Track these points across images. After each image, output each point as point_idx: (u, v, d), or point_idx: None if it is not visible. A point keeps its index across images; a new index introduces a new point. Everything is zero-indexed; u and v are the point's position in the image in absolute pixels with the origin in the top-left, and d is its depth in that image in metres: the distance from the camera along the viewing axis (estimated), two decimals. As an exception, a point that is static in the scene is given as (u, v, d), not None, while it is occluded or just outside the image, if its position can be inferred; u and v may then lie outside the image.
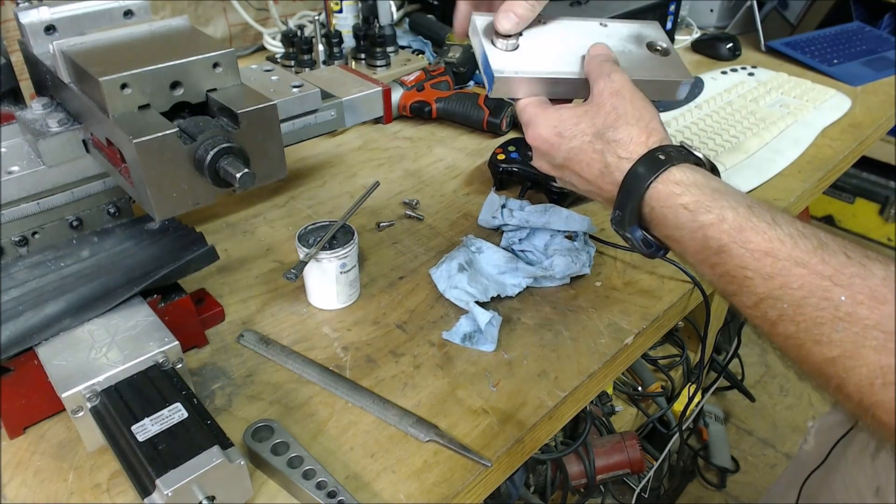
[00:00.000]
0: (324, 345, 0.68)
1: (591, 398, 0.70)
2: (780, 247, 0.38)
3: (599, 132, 0.50)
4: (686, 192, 0.44)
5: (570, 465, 1.12)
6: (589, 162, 0.50)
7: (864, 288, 0.35)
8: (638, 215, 0.47)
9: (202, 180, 0.56)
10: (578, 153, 0.51)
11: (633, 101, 0.50)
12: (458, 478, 0.55)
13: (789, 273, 0.37)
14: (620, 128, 0.49)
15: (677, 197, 0.44)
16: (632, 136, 0.48)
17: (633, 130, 0.48)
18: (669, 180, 0.45)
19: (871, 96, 1.18)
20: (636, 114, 0.49)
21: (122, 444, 0.51)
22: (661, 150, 0.47)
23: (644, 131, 0.48)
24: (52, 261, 0.64)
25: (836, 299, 0.35)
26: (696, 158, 0.48)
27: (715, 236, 0.41)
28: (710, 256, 0.42)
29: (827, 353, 0.35)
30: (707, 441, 1.67)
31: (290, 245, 0.82)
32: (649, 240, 0.48)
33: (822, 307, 0.36)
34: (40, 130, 0.61)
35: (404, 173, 0.97)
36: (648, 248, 0.49)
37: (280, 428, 0.57)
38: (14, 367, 0.56)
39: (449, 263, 0.73)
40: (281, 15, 1.36)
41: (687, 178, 0.45)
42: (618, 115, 0.49)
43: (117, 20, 0.65)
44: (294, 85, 0.77)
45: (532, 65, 0.56)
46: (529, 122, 0.54)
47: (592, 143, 0.50)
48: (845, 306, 0.35)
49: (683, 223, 0.43)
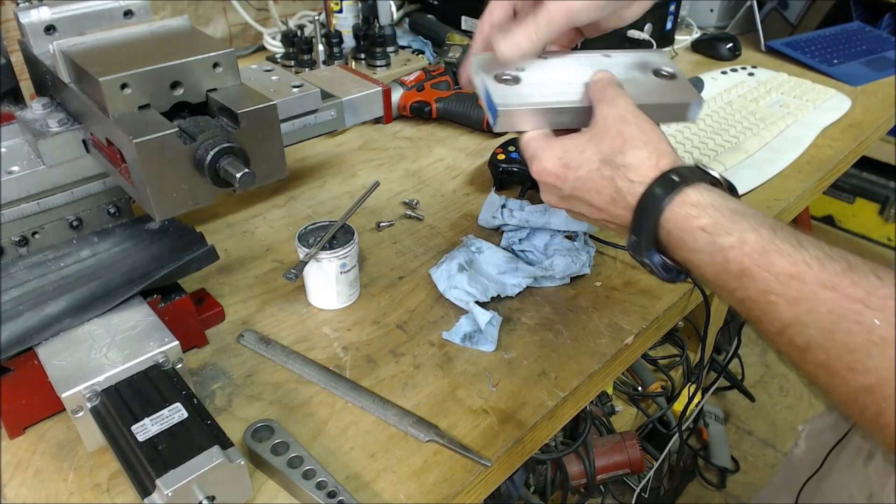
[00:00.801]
0: (324, 345, 0.68)
1: (591, 398, 0.70)
2: (807, 270, 0.37)
3: (607, 158, 0.48)
4: (704, 214, 0.43)
5: (570, 465, 1.12)
6: (599, 189, 0.49)
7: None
8: (655, 239, 0.46)
9: (202, 180, 0.56)
10: (587, 181, 0.50)
11: (639, 124, 0.49)
12: (458, 478, 0.55)
13: (817, 297, 0.36)
14: (629, 152, 0.47)
15: (694, 219, 0.43)
16: (641, 160, 0.47)
17: (642, 153, 0.47)
18: (686, 202, 0.44)
19: (871, 96, 1.18)
20: (643, 137, 0.48)
21: (122, 444, 0.51)
22: (675, 172, 0.45)
23: (654, 154, 0.47)
24: (52, 261, 0.64)
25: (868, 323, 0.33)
26: (711, 178, 0.47)
27: (736, 259, 0.40)
28: (731, 281, 0.40)
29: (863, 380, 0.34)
30: (707, 441, 1.67)
31: (290, 245, 0.82)
32: (668, 264, 0.47)
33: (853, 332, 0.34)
34: (40, 130, 0.61)
35: (404, 173, 0.97)
36: (668, 272, 0.48)
37: (280, 428, 0.57)
38: (14, 367, 0.56)
39: (449, 263, 0.73)
40: (281, 15, 1.36)
41: (704, 199, 0.43)
42: (624, 140, 0.48)
43: (117, 20, 0.65)
44: (294, 85, 0.77)
45: (535, 96, 0.55)
46: (533, 157, 0.53)
47: (600, 170, 0.49)
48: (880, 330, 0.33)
49: (702, 247, 0.42)
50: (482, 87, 0.56)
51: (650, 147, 0.47)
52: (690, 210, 0.43)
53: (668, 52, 1.37)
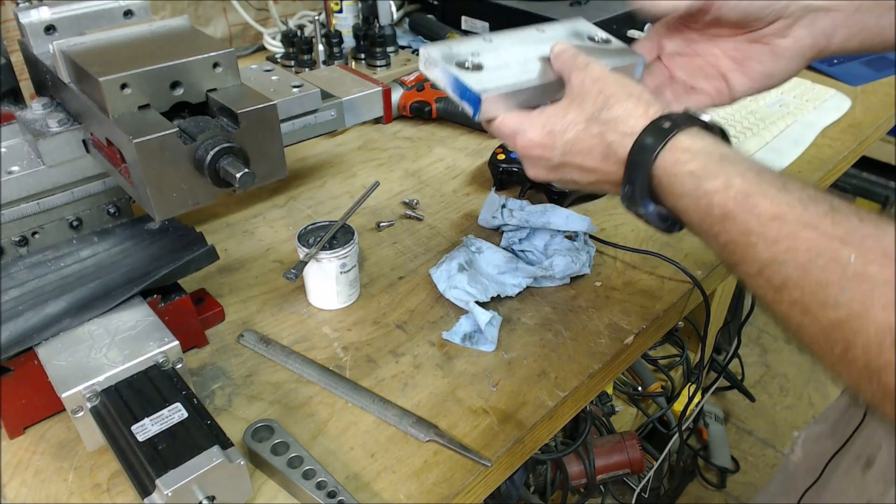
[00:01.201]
0: (324, 345, 0.68)
1: (591, 398, 0.70)
2: (789, 211, 0.37)
3: (593, 116, 0.48)
4: (693, 159, 0.42)
5: (570, 465, 1.12)
6: (589, 149, 0.48)
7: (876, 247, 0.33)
8: (649, 188, 0.45)
9: (202, 180, 0.56)
10: (576, 143, 0.49)
11: (618, 80, 0.48)
12: (458, 478, 0.55)
13: (796, 236, 0.36)
14: (614, 105, 0.47)
15: (684, 164, 0.43)
16: (629, 111, 0.46)
17: (629, 104, 0.46)
18: (677, 147, 0.43)
19: (871, 96, 1.18)
20: (625, 90, 0.47)
21: (122, 444, 0.51)
22: (665, 118, 0.45)
23: (640, 104, 0.46)
24: (52, 261, 0.64)
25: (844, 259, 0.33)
26: (703, 122, 0.46)
27: (720, 203, 0.40)
28: (714, 224, 0.41)
29: (833, 315, 0.34)
30: (707, 441, 1.67)
31: (290, 245, 0.82)
32: (663, 213, 0.47)
33: (829, 268, 0.34)
34: (40, 130, 0.61)
35: (404, 173, 0.97)
36: (664, 222, 0.47)
37: (280, 428, 0.57)
38: (14, 367, 0.56)
39: (449, 263, 0.73)
40: (281, 15, 1.36)
41: (695, 144, 0.43)
42: (606, 96, 0.47)
43: (117, 20, 0.65)
44: (294, 85, 0.77)
45: (506, 78, 0.54)
46: (517, 132, 0.52)
47: (588, 129, 0.48)
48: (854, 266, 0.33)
49: (689, 191, 0.42)
50: (450, 79, 0.55)
51: (635, 98, 0.47)
52: (681, 155, 0.43)
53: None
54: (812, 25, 0.53)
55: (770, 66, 0.56)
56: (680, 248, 0.81)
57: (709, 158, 0.42)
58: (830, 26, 0.53)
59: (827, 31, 0.54)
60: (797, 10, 0.53)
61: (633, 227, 0.84)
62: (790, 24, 0.53)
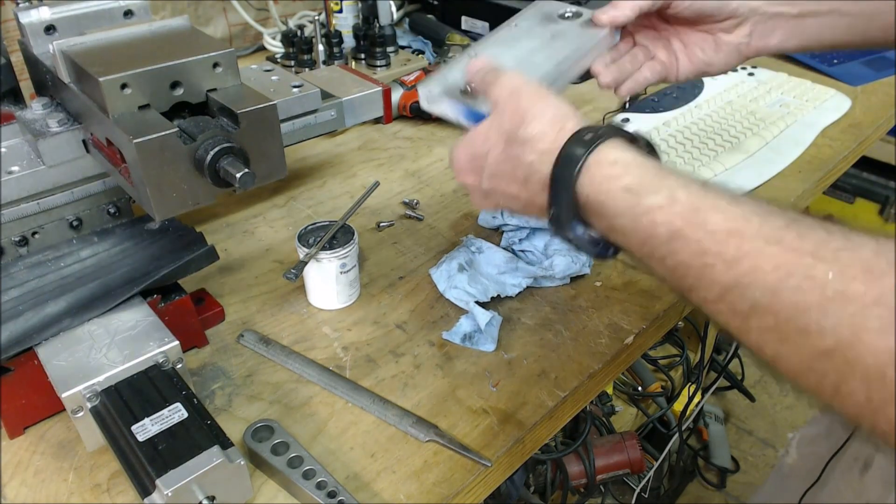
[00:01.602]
0: (324, 345, 0.68)
1: (591, 398, 0.70)
2: (746, 225, 0.32)
3: (510, 136, 0.44)
4: (627, 173, 0.38)
5: (570, 465, 1.12)
6: (512, 172, 0.45)
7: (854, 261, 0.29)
8: (575, 209, 0.41)
9: (202, 180, 0.56)
10: (498, 166, 0.46)
11: (533, 94, 0.45)
12: (458, 478, 0.55)
13: (760, 253, 0.31)
14: (530, 123, 0.43)
15: (616, 179, 0.38)
16: (544, 127, 0.43)
17: (545, 120, 0.43)
18: (603, 160, 0.39)
19: (871, 96, 1.18)
20: (541, 105, 0.44)
21: (122, 444, 0.51)
22: (586, 130, 0.41)
23: (557, 119, 0.43)
24: (52, 261, 0.64)
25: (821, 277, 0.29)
26: (628, 134, 0.42)
27: (665, 221, 0.35)
28: (660, 246, 0.36)
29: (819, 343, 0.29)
30: (707, 441, 1.67)
31: (290, 245, 0.82)
32: (594, 237, 0.42)
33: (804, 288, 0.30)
34: (40, 130, 0.61)
35: (404, 173, 0.97)
36: (595, 246, 0.43)
37: (280, 428, 0.57)
38: (14, 367, 0.56)
39: (449, 263, 0.73)
40: (281, 15, 1.36)
41: (624, 156, 0.39)
42: (521, 113, 0.44)
43: (117, 20, 0.65)
44: (294, 85, 0.77)
45: None
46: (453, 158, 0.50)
47: (507, 151, 0.45)
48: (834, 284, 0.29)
49: (624, 209, 0.37)
50: (460, 110, 0.53)
51: (550, 112, 0.43)
52: (609, 169, 0.39)
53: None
54: (756, 27, 0.58)
55: (711, 56, 0.60)
56: (680, 248, 0.81)
57: (644, 171, 0.38)
58: (771, 29, 0.58)
59: (767, 33, 0.58)
60: (746, 12, 0.57)
61: (633, 227, 0.84)
62: (737, 24, 0.58)
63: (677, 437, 1.05)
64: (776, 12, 0.57)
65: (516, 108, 0.45)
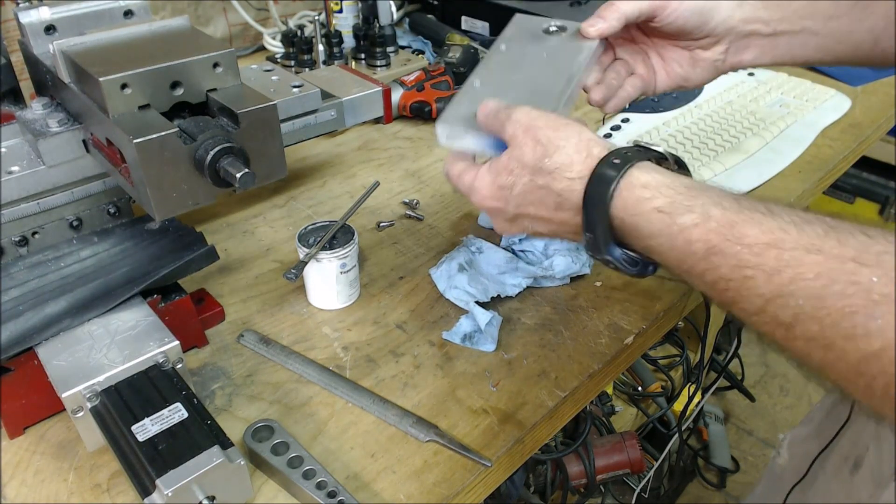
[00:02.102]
0: (324, 345, 0.68)
1: (591, 398, 0.70)
2: (784, 236, 0.33)
3: (536, 167, 0.45)
4: (657, 195, 0.39)
5: (570, 465, 1.12)
6: (540, 199, 0.46)
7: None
8: (610, 232, 0.43)
9: (202, 180, 0.56)
10: (526, 196, 0.47)
11: (550, 125, 0.46)
12: (458, 478, 0.55)
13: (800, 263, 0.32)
14: (554, 154, 0.44)
15: (648, 202, 0.39)
16: (570, 156, 0.44)
17: (569, 149, 0.44)
18: (634, 185, 0.40)
19: (871, 96, 1.18)
20: (562, 134, 0.45)
21: (122, 444, 0.51)
22: (614, 155, 0.42)
23: (582, 146, 0.44)
24: (52, 261, 0.64)
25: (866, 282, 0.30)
26: (656, 154, 0.44)
27: (701, 238, 0.36)
28: (698, 263, 0.37)
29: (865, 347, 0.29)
30: (707, 441, 1.67)
31: (290, 245, 0.82)
32: (632, 257, 0.44)
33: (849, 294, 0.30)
34: (40, 130, 0.61)
35: (404, 173, 0.97)
36: (634, 266, 0.44)
37: (280, 428, 0.57)
38: (14, 367, 0.56)
39: (449, 263, 0.73)
40: (281, 15, 1.36)
41: (653, 178, 0.40)
42: (545, 145, 0.45)
43: (117, 20, 0.65)
44: (294, 85, 0.77)
45: None
46: (470, 190, 0.51)
47: (534, 180, 0.46)
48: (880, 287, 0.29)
49: (660, 230, 0.38)
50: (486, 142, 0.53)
51: (573, 141, 0.44)
52: (641, 192, 0.40)
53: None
54: (731, 44, 0.59)
55: (687, 71, 0.61)
56: (680, 248, 0.81)
57: (674, 191, 0.39)
58: (746, 46, 0.60)
59: (741, 50, 0.60)
60: (723, 32, 0.59)
61: (633, 227, 0.84)
62: (714, 42, 0.59)
63: (677, 437, 1.05)
64: (751, 31, 0.58)
65: (535, 141, 0.45)
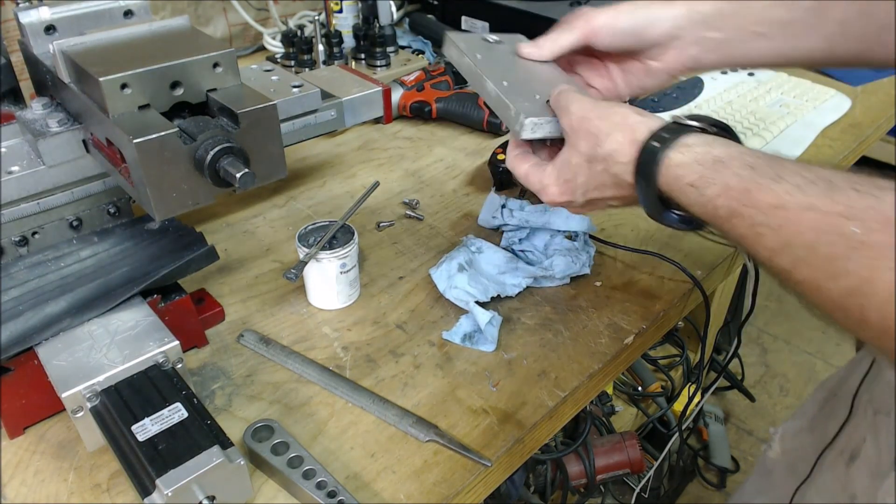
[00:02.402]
0: (324, 345, 0.68)
1: (591, 398, 0.70)
2: (789, 198, 0.40)
3: (591, 156, 0.52)
4: (689, 172, 0.46)
5: (570, 465, 1.12)
6: (603, 183, 0.53)
7: (877, 216, 0.36)
8: (660, 203, 0.50)
9: (202, 180, 0.56)
10: (590, 182, 0.53)
11: (599, 114, 0.52)
12: (458, 478, 0.55)
13: (800, 220, 0.39)
14: (604, 142, 0.51)
15: (682, 178, 0.46)
16: (619, 143, 0.50)
17: (617, 137, 0.50)
18: (671, 165, 0.47)
19: (871, 96, 1.18)
20: (608, 122, 0.51)
21: (122, 443, 0.51)
22: (654, 138, 0.48)
23: (627, 132, 0.50)
24: (52, 261, 0.64)
25: (848, 233, 0.36)
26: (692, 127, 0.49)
27: (724, 205, 0.43)
28: (724, 223, 0.44)
29: (844, 284, 0.36)
30: (707, 441, 1.67)
31: (290, 245, 0.82)
32: (685, 217, 0.50)
33: (834, 243, 0.37)
34: (40, 130, 0.61)
35: (404, 173, 0.97)
36: (689, 224, 0.51)
37: (280, 428, 0.57)
38: (14, 367, 0.56)
39: (449, 263, 0.73)
40: (281, 15, 1.36)
41: (686, 157, 0.46)
42: (595, 134, 0.51)
43: (117, 20, 0.65)
44: (294, 85, 0.77)
45: None
46: (542, 189, 0.57)
47: (592, 167, 0.52)
48: (858, 237, 0.35)
49: (694, 200, 0.46)
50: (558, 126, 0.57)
51: (619, 128, 0.50)
52: (677, 171, 0.47)
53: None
54: (682, 51, 0.61)
55: (643, 80, 0.64)
56: (680, 248, 0.81)
57: (703, 167, 0.45)
58: (698, 51, 0.61)
59: (695, 56, 0.61)
60: (668, 40, 0.60)
61: (633, 227, 0.84)
62: (663, 51, 0.61)
63: (677, 437, 1.05)
64: (701, 37, 0.60)
65: (587, 131, 0.52)
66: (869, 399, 0.66)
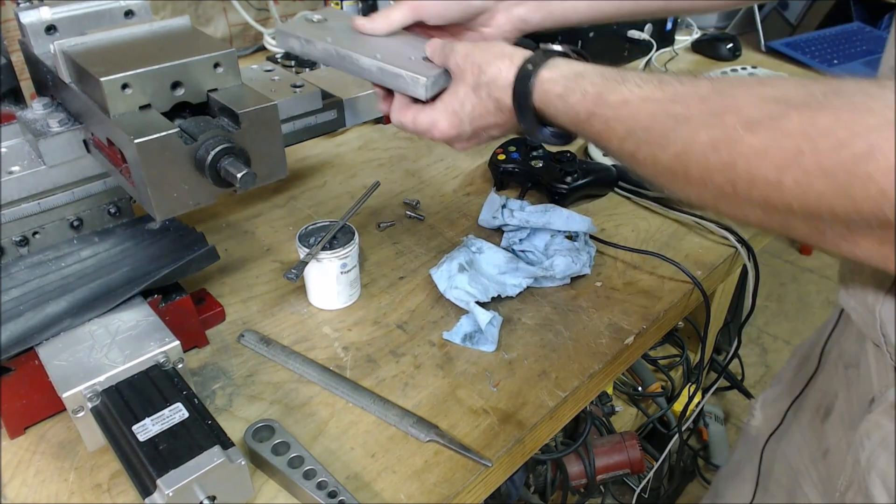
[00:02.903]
0: (324, 345, 0.68)
1: (591, 398, 0.70)
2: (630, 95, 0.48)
3: (476, 84, 0.58)
4: (556, 85, 0.53)
5: (570, 465, 1.12)
6: (486, 109, 0.58)
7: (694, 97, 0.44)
8: (537, 119, 0.56)
9: (203, 180, 0.56)
10: (475, 110, 0.59)
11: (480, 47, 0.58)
12: (458, 478, 0.55)
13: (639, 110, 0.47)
14: (486, 70, 0.57)
15: (551, 91, 0.53)
16: (499, 69, 0.56)
17: (497, 64, 0.56)
18: (543, 80, 0.53)
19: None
20: (489, 53, 0.57)
21: (122, 443, 0.51)
22: (528, 62, 0.55)
23: (506, 59, 0.56)
24: (52, 261, 0.64)
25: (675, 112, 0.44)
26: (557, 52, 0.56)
27: (583, 108, 0.51)
28: (583, 124, 0.51)
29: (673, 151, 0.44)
30: (707, 441, 1.67)
31: (291, 245, 0.82)
32: (556, 132, 0.56)
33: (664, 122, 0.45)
34: (41, 130, 0.61)
35: (404, 173, 0.97)
36: (560, 138, 0.57)
37: (281, 428, 0.57)
38: (14, 367, 0.56)
39: (449, 263, 0.73)
40: (281, 15, 1.36)
41: (554, 74, 0.53)
42: (479, 65, 0.57)
43: (118, 20, 0.65)
44: (294, 85, 0.77)
45: None
46: (432, 128, 0.61)
47: (477, 94, 0.58)
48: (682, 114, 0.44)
49: (561, 110, 0.53)
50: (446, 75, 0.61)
51: (499, 56, 0.57)
52: (547, 85, 0.53)
53: (668, 51, 1.37)
54: (509, 13, 0.67)
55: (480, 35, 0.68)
56: (680, 248, 0.81)
57: (567, 80, 0.52)
58: (524, 13, 0.67)
59: (522, 17, 0.67)
60: (494, 4, 0.66)
61: (634, 228, 0.84)
62: (491, 16, 0.67)
63: (677, 438, 1.05)
64: None
65: (472, 63, 0.58)
66: (839, 354, 0.67)
